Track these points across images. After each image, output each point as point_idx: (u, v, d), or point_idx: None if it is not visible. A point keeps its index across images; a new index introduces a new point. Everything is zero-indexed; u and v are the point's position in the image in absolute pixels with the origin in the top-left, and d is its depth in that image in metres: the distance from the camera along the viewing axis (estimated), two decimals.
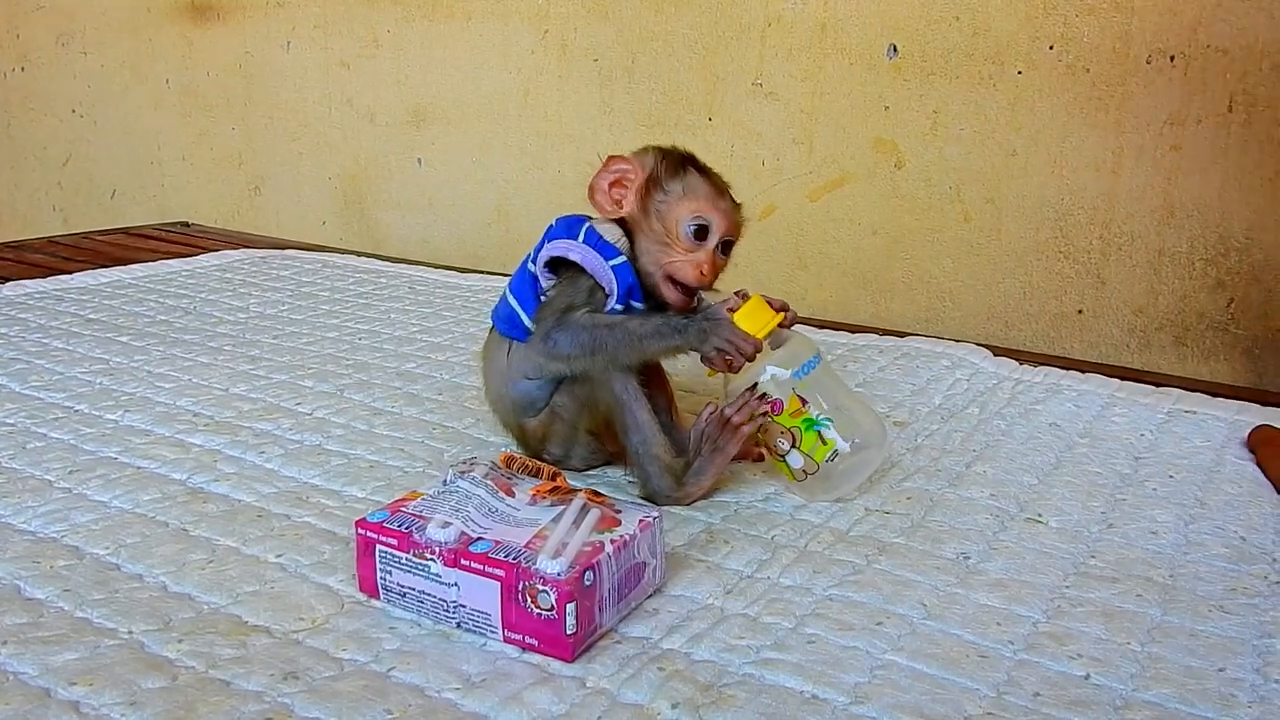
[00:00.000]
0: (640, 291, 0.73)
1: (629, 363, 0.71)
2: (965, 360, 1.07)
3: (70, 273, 1.39)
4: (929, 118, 1.33)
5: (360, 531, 0.58)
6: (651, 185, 0.73)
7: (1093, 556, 0.66)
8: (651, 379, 0.75)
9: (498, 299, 0.78)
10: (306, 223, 1.95)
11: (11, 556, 0.62)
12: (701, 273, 0.72)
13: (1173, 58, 1.18)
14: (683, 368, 0.78)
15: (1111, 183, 1.23)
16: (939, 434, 0.86)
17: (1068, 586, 0.62)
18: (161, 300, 1.27)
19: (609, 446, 0.77)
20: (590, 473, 0.78)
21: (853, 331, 1.20)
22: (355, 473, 0.76)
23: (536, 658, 0.53)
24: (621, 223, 0.74)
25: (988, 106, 1.29)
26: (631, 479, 0.76)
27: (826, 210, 1.42)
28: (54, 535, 0.65)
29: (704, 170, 0.74)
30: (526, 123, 1.66)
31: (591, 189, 0.74)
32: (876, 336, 1.17)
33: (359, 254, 1.63)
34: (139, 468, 0.76)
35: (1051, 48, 1.24)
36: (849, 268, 1.42)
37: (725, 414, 0.72)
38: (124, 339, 1.09)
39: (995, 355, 1.09)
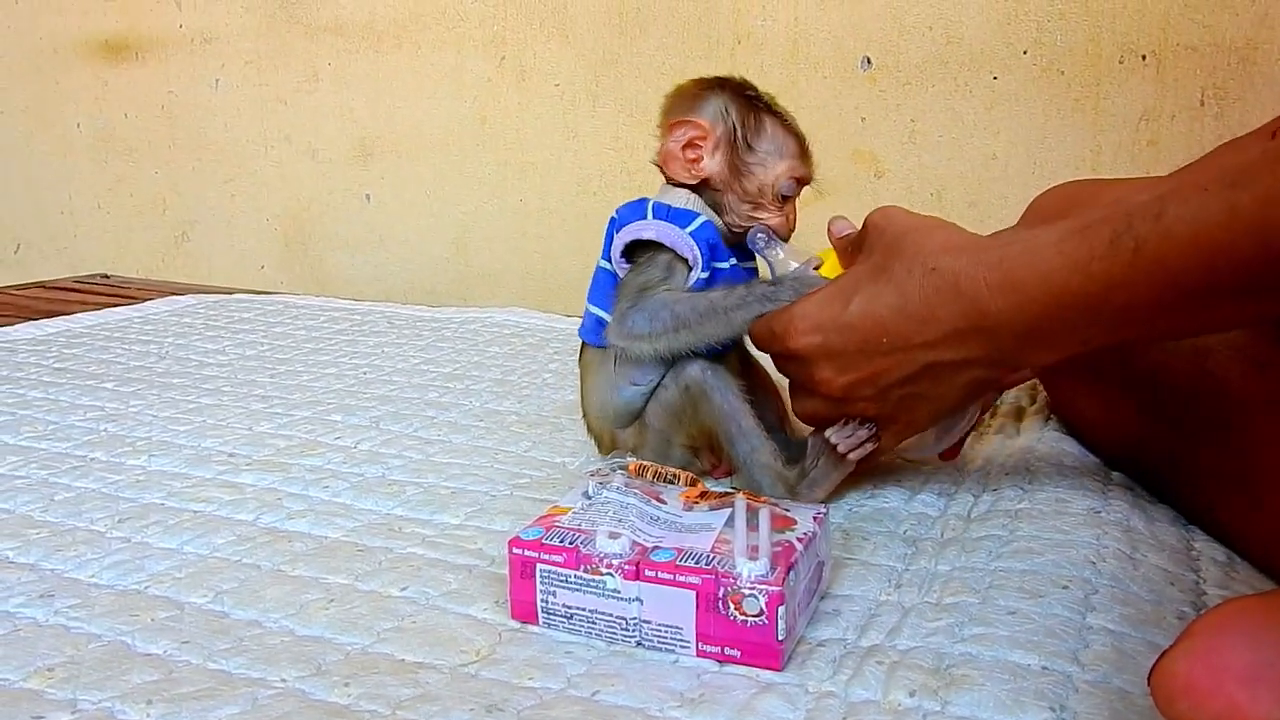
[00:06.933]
0: (725, 248, 0.70)
1: (717, 337, 0.67)
2: None
3: None
4: (906, 127, 1.34)
5: (516, 551, 0.53)
6: (737, 144, 0.69)
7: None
8: (756, 386, 0.72)
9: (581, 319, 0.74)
10: (243, 268, 1.85)
11: (101, 612, 0.54)
12: (791, 224, 0.72)
13: (1144, 56, 1.22)
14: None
15: None
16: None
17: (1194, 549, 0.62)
18: (126, 346, 1.18)
19: (706, 461, 0.73)
20: None
21: None
22: (440, 500, 0.70)
23: (740, 669, 0.49)
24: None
25: (965, 113, 1.31)
26: (735, 488, 0.72)
27: (809, 224, 1.41)
28: (135, 587, 0.58)
29: (779, 114, 0.71)
30: (484, 152, 1.61)
31: (666, 157, 0.70)
32: None
33: (317, 296, 1.55)
34: (195, 511, 0.69)
35: (1025, 52, 1.27)
36: None
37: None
38: (109, 385, 1.00)
39: None
